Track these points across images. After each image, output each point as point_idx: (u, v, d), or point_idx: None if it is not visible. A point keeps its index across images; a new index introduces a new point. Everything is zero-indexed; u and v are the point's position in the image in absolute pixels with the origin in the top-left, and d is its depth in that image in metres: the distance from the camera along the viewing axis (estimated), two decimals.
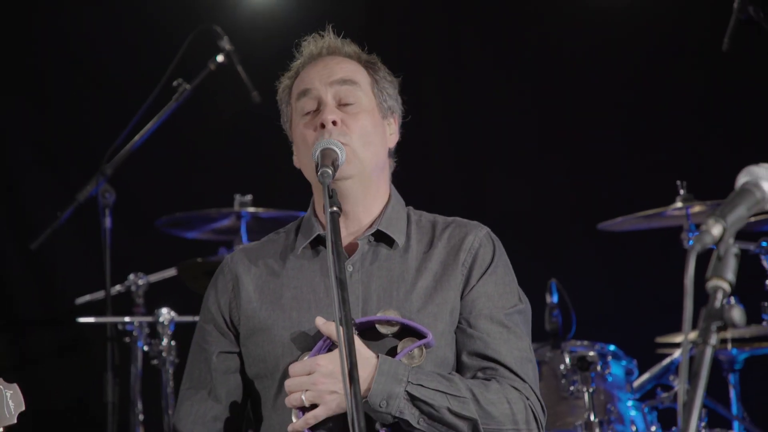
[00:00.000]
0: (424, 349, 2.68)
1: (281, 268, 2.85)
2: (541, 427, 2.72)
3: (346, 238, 2.81)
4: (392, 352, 2.68)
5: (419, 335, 2.68)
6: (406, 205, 2.92)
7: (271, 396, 2.74)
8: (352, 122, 2.77)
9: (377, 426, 2.64)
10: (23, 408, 2.59)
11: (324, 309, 2.72)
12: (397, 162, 2.93)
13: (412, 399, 2.61)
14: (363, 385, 2.56)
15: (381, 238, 2.82)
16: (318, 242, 2.84)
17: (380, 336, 2.70)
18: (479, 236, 2.82)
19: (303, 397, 2.63)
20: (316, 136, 2.75)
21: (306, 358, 2.67)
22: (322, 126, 2.75)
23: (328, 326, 2.65)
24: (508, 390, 2.68)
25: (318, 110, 2.79)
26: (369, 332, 2.70)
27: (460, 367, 2.75)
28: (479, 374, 2.72)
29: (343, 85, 2.79)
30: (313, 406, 2.63)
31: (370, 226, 2.82)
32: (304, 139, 2.79)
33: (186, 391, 2.88)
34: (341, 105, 2.78)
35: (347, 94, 2.79)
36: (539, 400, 2.73)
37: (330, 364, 2.60)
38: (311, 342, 2.70)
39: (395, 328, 2.69)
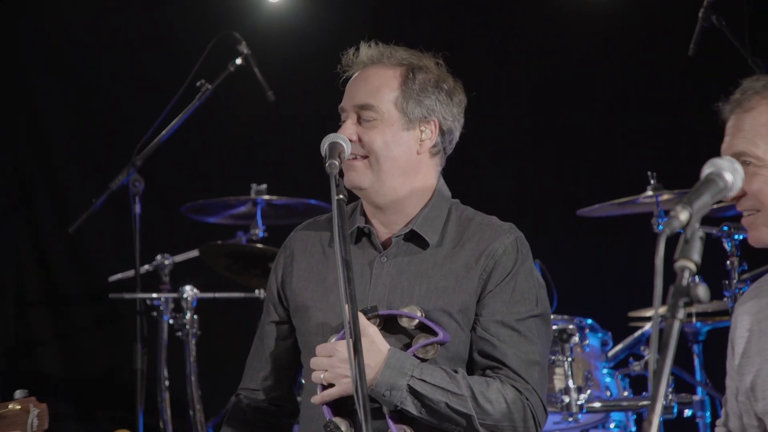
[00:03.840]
0: (437, 346, 2.65)
1: (330, 251, 2.81)
2: (539, 426, 2.67)
3: (383, 234, 2.79)
4: (409, 345, 2.67)
5: (435, 332, 2.66)
6: (453, 198, 2.85)
7: (308, 366, 2.73)
8: (365, 137, 2.73)
9: (384, 410, 2.64)
10: (46, 427, 2.58)
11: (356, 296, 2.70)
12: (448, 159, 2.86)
13: (413, 392, 2.59)
14: (371, 373, 2.56)
15: (415, 236, 2.76)
16: (361, 233, 2.80)
17: (401, 328, 2.68)
18: (505, 243, 2.73)
19: (321, 377, 2.64)
20: None
21: (333, 341, 2.67)
22: None
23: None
24: (508, 389, 2.64)
25: None
26: (391, 324, 2.69)
27: (470, 364, 2.72)
28: (487, 372, 2.69)
29: (362, 110, 2.75)
30: (331, 385, 2.64)
31: (407, 224, 2.77)
32: None
33: (250, 352, 2.95)
34: (361, 120, 2.75)
35: (364, 114, 2.74)
36: (542, 402, 2.68)
37: (346, 350, 2.57)
38: (340, 326, 2.69)
39: (415, 323, 2.67)
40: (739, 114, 2.46)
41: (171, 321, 5.16)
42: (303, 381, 2.84)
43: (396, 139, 2.74)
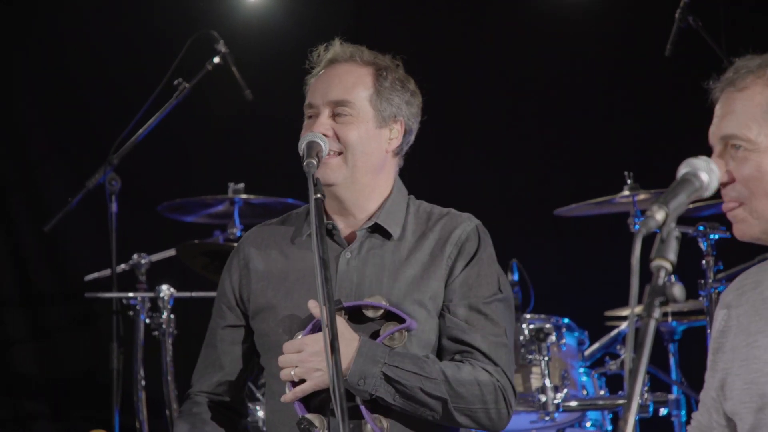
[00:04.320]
0: (404, 333, 2.67)
1: (290, 250, 2.83)
2: (510, 407, 2.70)
3: (346, 230, 2.80)
4: (376, 335, 2.67)
5: (401, 320, 2.67)
6: (408, 194, 2.88)
7: (273, 367, 2.72)
8: (341, 132, 2.74)
9: (357, 400, 2.64)
10: None
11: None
12: (405, 157, 2.88)
13: (388, 379, 2.60)
14: (343, 363, 2.54)
15: (378, 229, 2.79)
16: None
17: (366, 319, 2.69)
18: (467, 230, 2.78)
19: (292, 373, 2.63)
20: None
21: (299, 336, 2.66)
22: None
23: (318, 309, 2.63)
24: (479, 372, 2.66)
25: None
26: (356, 315, 2.69)
27: (440, 349, 2.74)
28: (456, 356, 2.71)
29: (337, 105, 2.76)
30: (302, 381, 2.63)
31: (369, 218, 2.79)
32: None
33: (201, 358, 2.92)
34: (335, 116, 2.76)
35: (340, 110, 2.75)
36: (511, 383, 2.71)
37: (316, 344, 2.59)
38: (308, 322, 2.69)
39: (380, 313, 2.68)
40: (731, 93, 2.27)
41: (147, 320, 5.13)
42: (266, 385, 2.82)
43: (370, 135, 2.76)
